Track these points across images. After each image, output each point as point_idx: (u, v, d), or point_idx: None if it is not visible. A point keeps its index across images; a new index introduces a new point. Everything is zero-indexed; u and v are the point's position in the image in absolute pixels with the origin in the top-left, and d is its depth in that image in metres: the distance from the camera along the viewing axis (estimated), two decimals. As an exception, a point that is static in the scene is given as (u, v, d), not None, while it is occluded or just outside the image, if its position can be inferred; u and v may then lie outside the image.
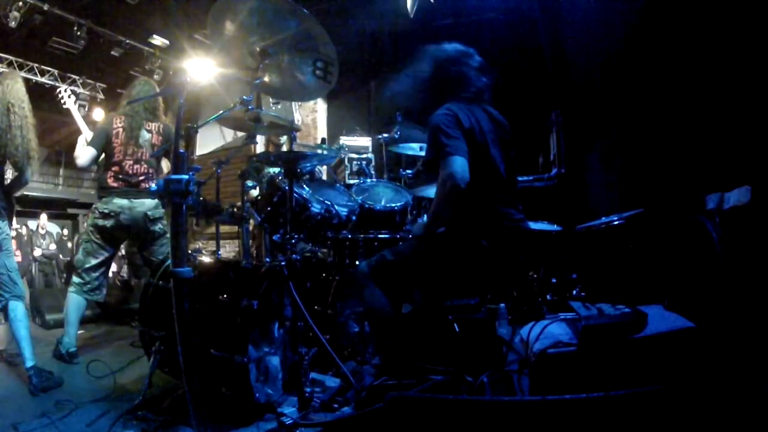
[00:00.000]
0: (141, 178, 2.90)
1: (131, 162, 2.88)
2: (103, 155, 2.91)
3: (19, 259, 7.15)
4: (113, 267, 6.88)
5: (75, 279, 2.90)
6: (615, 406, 1.13)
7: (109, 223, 2.83)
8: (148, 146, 2.93)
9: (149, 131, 2.96)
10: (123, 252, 4.60)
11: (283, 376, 2.01)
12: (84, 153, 2.87)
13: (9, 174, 2.54)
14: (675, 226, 2.27)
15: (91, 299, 2.94)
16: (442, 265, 1.87)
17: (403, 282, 1.93)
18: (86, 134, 3.03)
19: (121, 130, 2.90)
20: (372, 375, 1.85)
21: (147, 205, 2.88)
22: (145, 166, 2.91)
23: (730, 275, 1.90)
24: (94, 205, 3.00)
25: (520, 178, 2.20)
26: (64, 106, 3.33)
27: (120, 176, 2.87)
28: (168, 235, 2.97)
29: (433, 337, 1.92)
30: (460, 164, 1.71)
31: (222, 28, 2.00)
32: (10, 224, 2.56)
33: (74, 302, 2.86)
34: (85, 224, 3.05)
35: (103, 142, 2.88)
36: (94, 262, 2.88)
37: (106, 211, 2.83)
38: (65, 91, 3.42)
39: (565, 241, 2.82)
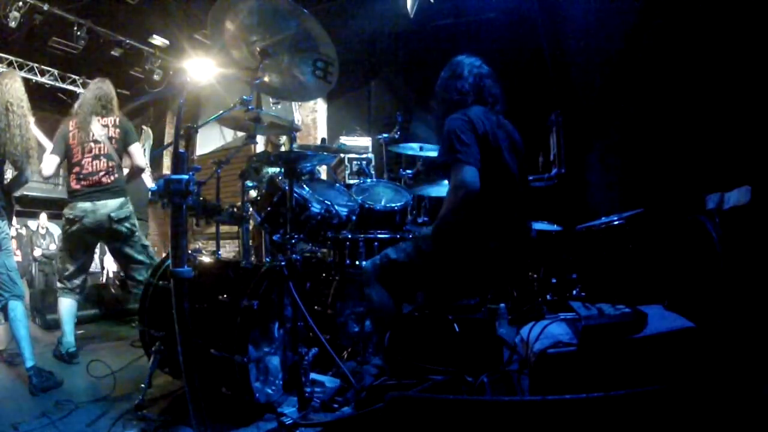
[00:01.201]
0: (102, 173, 2.86)
1: (90, 159, 2.85)
2: (65, 161, 2.91)
3: (19, 259, 7.16)
4: (113, 267, 6.89)
5: (58, 284, 2.95)
6: (615, 406, 1.13)
7: (75, 227, 2.81)
8: (105, 140, 2.89)
9: (104, 125, 2.92)
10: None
11: (283, 376, 2.01)
12: (47, 162, 2.84)
13: (9, 174, 2.55)
14: (675, 226, 2.27)
15: (79, 299, 2.97)
16: (447, 266, 1.87)
17: (407, 282, 1.93)
18: (48, 148, 3.02)
19: (76, 131, 2.88)
20: (372, 375, 1.85)
21: (110, 206, 2.84)
22: (105, 160, 2.87)
23: (730, 275, 1.90)
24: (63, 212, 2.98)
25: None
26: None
27: (81, 176, 2.84)
28: (138, 234, 2.99)
29: (433, 337, 1.92)
30: (471, 173, 1.73)
31: (222, 28, 1.99)
32: (10, 224, 2.56)
33: (65, 304, 2.89)
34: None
35: (63, 148, 2.87)
36: (72, 268, 2.90)
37: (71, 216, 2.82)
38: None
39: (565, 241, 2.82)
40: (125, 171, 3.06)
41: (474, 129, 1.80)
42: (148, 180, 4.72)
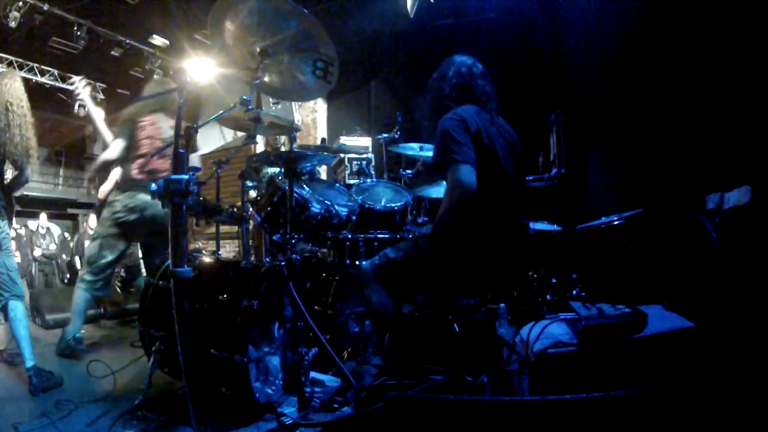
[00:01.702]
0: (166, 172, 2.87)
1: (157, 157, 2.87)
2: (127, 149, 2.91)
3: (19, 260, 7.15)
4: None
5: (86, 276, 2.89)
6: (615, 406, 1.13)
7: (132, 217, 2.83)
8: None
9: (171, 126, 2.95)
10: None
11: (283, 376, 2.01)
12: (114, 146, 2.86)
13: (9, 174, 2.55)
14: (675, 226, 2.27)
15: (98, 295, 2.96)
16: (446, 265, 1.87)
17: (406, 282, 1.93)
18: (101, 127, 3.05)
19: (148, 123, 2.90)
20: (372, 375, 1.85)
21: None
22: (170, 162, 2.91)
23: (730, 275, 1.90)
24: (112, 198, 2.96)
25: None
26: (78, 97, 3.27)
27: (146, 169, 2.86)
28: None
29: (433, 337, 1.92)
30: (466, 172, 1.73)
31: (222, 28, 1.99)
32: (10, 224, 2.56)
33: (83, 298, 2.88)
34: (101, 217, 3.00)
35: (129, 135, 2.89)
36: (110, 257, 2.89)
37: (132, 205, 2.83)
38: (80, 81, 3.30)
39: (565, 241, 2.82)
40: None
41: (467, 128, 1.80)
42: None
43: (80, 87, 3.26)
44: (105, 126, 3.13)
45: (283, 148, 3.91)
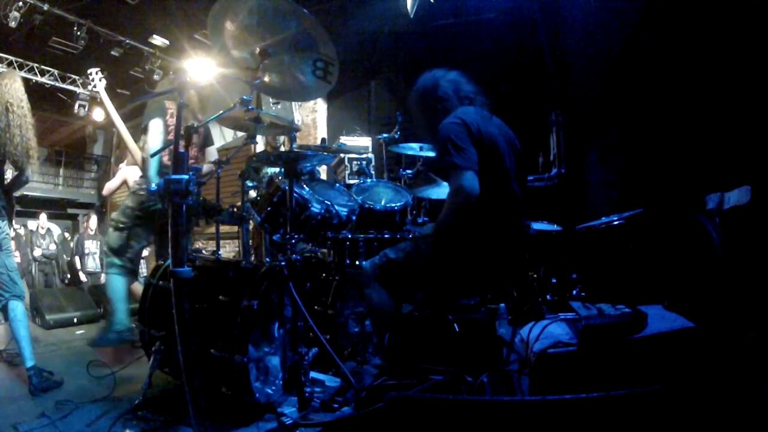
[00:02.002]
0: (192, 162, 2.87)
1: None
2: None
3: (18, 260, 7.14)
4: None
5: (116, 260, 2.84)
6: (615, 406, 1.13)
7: (160, 205, 2.78)
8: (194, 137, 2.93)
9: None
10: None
11: (283, 376, 2.01)
12: (154, 126, 2.77)
13: (9, 174, 2.55)
14: (675, 226, 2.27)
15: (130, 279, 2.92)
16: (447, 266, 1.87)
17: (407, 281, 1.93)
18: (117, 120, 3.05)
19: (169, 117, 2.86)
20: (372, 375, 1.86)
21: None
22: (194, 151, 2.94)
23: (730, 275, 1.90)
24: (136, 187, 2.94)
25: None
26: (94, 89, 3.23)
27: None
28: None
29: (433, 337, 1.92)
30: (469, 178, 1.73)
31: (222, 28, 1.99)
32: (11, 224, 2.56)
33: (116, 282, 2.84)
34: (125, 206, 2.95)
35: (164, 135, 2.84)
36: (137, 247, 2.89)
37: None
38: (96, 74, 3.25)
39: (565, 241, 2.82)
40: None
41: (470, 132, 1.80)
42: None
43: (96, 80, 3.24)
44: (119, 119, 3.11)
45: (282, 148, 3.91)
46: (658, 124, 2.70)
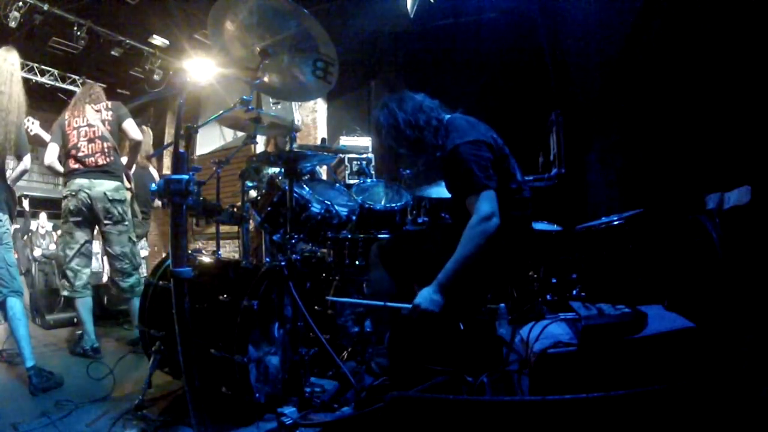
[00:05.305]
0: (98, 154, 3.01)
1: (86, 142, 3.00)
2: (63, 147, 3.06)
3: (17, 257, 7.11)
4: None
5: (64, 282, 2.99)
6: (615, 406, 1.13)
7: (72, 202, 2.94)
8: (98, 123, 3.04)
9: (97, 110, 3.08)
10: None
11: (283, 376, 2.01)
12: (49, 151, 3.03)
13: (10, 170, 2.55)
14: (675, 226, 2.27)
15: (85, 295, 2.99)
16: (477, 276, 1.85)
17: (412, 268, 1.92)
18: (47, 139, 3.17)
19: (71, 118, 3.05)
20: (372, 375, 1.85)
21: (106, 185, 3.00)
22: (100, 142, 3.02)
23: (730, 275, 1.89)
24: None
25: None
26: (31, 134, 3.29)
27: (78, 157, 2.98)
28: (126, 223, 3.08)
29: (433, 337, 1.92)
30: (492, 200, 1.72)
31: (222, 28, 1.99)
32: (12, 219, 2.56)
33: (80, 303, 2.95)
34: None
35: (60, 135, 3.04)
36: (71, 253, 2.97)
37: (67, 192, 2.95)
38: (28, 121, 3.29)
39: (565, 241, 2.82)
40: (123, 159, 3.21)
41: (491, 149, 1.80)
42: (154, 173, 4.73)
43: (29, 125, 3.28)
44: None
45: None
46: (658, 124, 2.70)
